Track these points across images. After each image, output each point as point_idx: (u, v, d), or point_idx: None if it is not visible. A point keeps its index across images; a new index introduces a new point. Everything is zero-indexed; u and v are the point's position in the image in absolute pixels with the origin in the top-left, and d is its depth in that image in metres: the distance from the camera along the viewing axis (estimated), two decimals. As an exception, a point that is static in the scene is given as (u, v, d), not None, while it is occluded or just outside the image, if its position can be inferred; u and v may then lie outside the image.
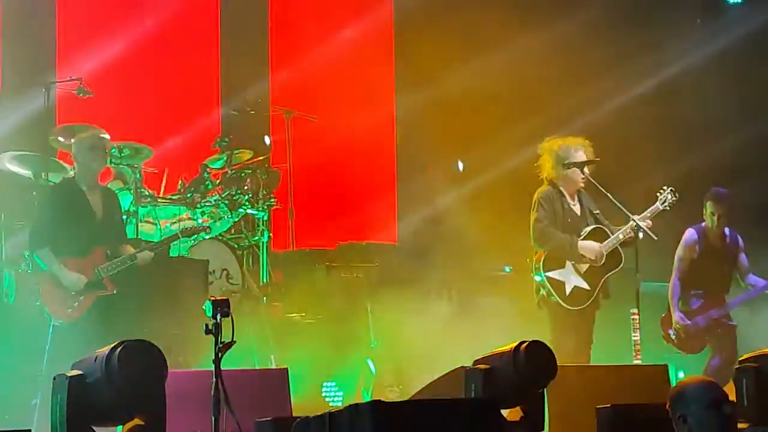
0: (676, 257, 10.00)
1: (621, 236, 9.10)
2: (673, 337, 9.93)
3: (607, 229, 9.13)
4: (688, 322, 9.72)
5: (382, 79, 14.32)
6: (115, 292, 8.63)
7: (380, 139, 14.25)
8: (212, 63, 13.05)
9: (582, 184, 9.21)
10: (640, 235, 9.20)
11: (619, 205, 9.06)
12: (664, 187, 9.38)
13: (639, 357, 8.83)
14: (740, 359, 6.96)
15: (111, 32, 12.16)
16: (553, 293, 8.85)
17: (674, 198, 9.34)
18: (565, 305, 8.85)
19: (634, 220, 9.05)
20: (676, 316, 9.89)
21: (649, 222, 9.12)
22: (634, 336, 8.85)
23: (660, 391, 5.91)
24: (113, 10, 12.41)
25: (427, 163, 14.23)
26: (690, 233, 9.98)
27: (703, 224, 9.92)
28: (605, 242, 9.06)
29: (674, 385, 5.34)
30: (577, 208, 9.21)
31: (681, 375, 10.46)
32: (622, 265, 9.16)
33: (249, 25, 13.39)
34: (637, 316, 8.94)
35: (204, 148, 11.61)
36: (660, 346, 10.24)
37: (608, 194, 9.05)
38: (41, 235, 8.64)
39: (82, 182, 8.71)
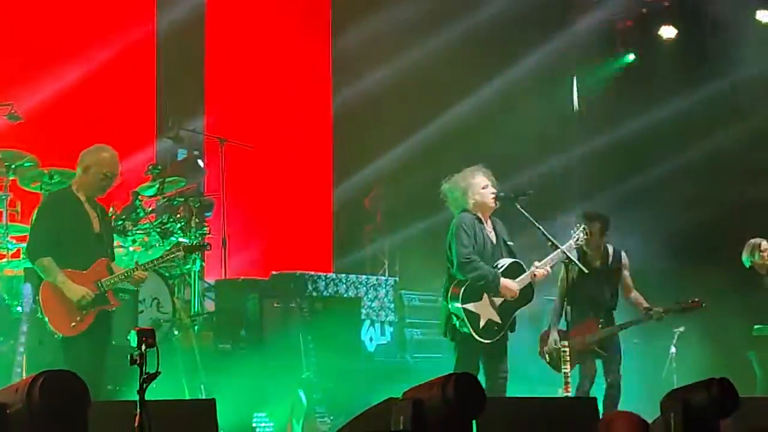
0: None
1: (535, 273, 9.00)
2: (546, 356, 9.94)
3: (522, 264, 9.06)
4: (560, 345, 9.54)
5: (320, 109, 14.37)
6: (115, 308, 8.43)
7: (316, 169, 14.26)
8: (148, 89, 13.00)
9: (494, 206, 9.11)
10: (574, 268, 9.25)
11: (548, 236, 9.01)
12: (577, 225, 9.38)
13: (569, 390, 8.82)
14: (669, 391, 6.99)
15: (47, 58, 12.08)
16: (467, 324, 8.73)
17: (586, 236, 9.36)
18: (477, 337, 8.75)
19: (564, 252, 9.03)
20: (552, 336, 9.87)
21: (548, 269, 9.07)
22: (564, 368, 8.84)
23: (589, 425, 5.91)
24: (49, 37, 12.32)
25: (364, 193, 14.29)
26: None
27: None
28: (520, 278, 8.96)
29: (600, 419, 5.34)
30: (492, 236, 9.11)
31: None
32: (532, 300, 9.09)
33: (186, 56, 13.38)
34: (567, 349, 8.94)
35: (136, 175, 11.52)
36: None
37: (537, 225, 8.99)
38: (42, 244, 8.31)
39: (84, 194, 8.43)
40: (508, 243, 9.14)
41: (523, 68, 13.64)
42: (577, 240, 9.28)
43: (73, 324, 8.14)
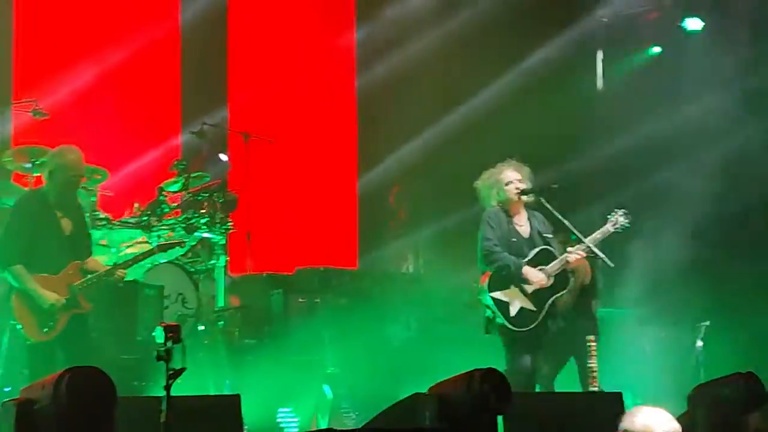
0: None
1: (568, 259, 9.02)
2: None
3: (554, 251, 9.07)
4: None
5: (343, 101, 14.35)
6: (89, 310, 8.45)
7: (341, 163, 14.24)
8: (172, 85, 13.01)
9: (518, 200, 9.14)
10: (600, 262, 9.20)
11: (570, 227, 9.02)
12: (616, 210, 9.33)
13: (596, 384, 8.79)
14: (696, 385, 6.97)
15: (71, 55, 12.10)
16: (498, 314, 8.77)
17: (626, 221, 9.27)
18: (510, 326, 8.77)
19: (587, 244, 9.02)
20: None
21: (582, 254, 9.06)
22: (590, 363, 8.81)
23: (614, 419, 5.88)
24: (74, 34, 12.34)
25: (389, 187, 14.26)
26: None
27: None
28: (550, 265, 8.99)
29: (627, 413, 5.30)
30: (524, 230, 9.15)
31: (639, 402, 10.46)
32: (570, 287, 9.10)
33: (209, 49, 13.38)
34: (593, 343, 8.90)
35: (161, 171, 11.54)
36: (617, 373, 10.24)
37: (560, 216, 9.02)
38: (12, 250, 8.39)
39: (52, 197, 8.47)
40: (545, 235, 9.16)
41: (546, 56, 13.56)
42: (615, 224, 9.23)
43: (46, 329, 8.19)
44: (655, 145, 13.14)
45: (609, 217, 9.28)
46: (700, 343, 12.10)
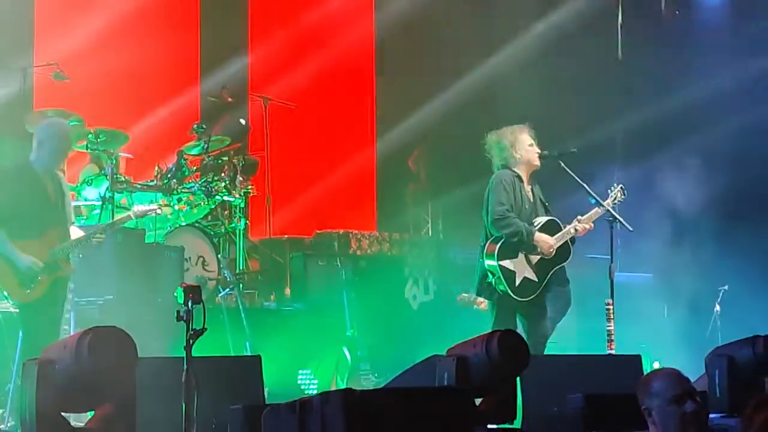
0: None
1: (572, 230, 8.99)
2: None
3: (559, 222, 9.04)
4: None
5: (363, 66, 14.33)
6: (71, 272, 8.59)
7: (360, 127, 14.25)
8: (191, 49, 13.01)
9: (537, 165, 9.10)
10: (617, 226, 9.17)
11: (593, 193, 9.00)
12: (615, 184, 9.30)
13: (613, 347, 8.81)
14: (714, 348, 6.99)
15: (89, 17, 12.09)
16: (503, 282, 8.71)
17: (623, 196, 9.25)
18: (513, 295, 8.73)
19: (607, 208, 9.01)
20: None
21: (592, 225, 9.04)
22: (608, 326, 8.82)
23: (633, 382, 5.91)
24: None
25: (407, 150, 14.27)
26: None
27: None
28: (557, 235, 8.94)
29: (644, 375, 5.33)
30: (530, 196, 9.09)
31: (656, 365, 10.49)
32: (570, 259, 9.05)
33: (229, 10, 13.37)
34: (611, 306, 8.91)
35: (181, 134, 11.57)
36: (635, 336, 10.27)
37: (582, 182, 8.99)
38: None
39: (39, 166, 8.60)
40: (545, 203, 9.13)
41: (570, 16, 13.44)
42: (614, 199, 9.21)
43: (28, 291, 8.31)
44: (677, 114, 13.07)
45: (609, 191, 9.25)
46: (718, 308, 12.13)
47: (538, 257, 8.86)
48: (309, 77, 13.42)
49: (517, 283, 8.78)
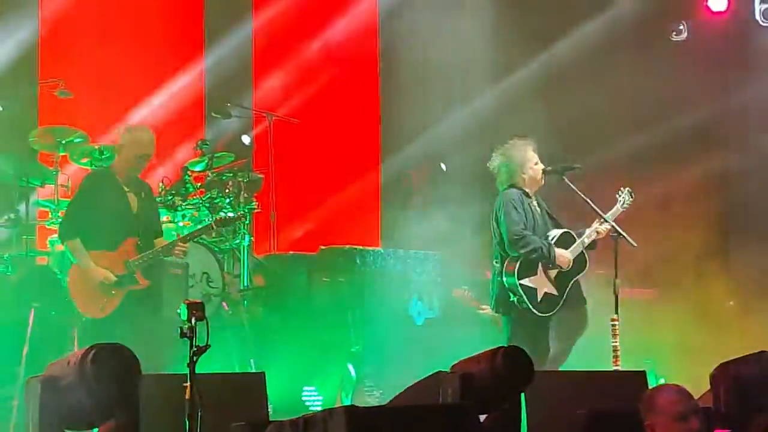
0: None
1: (586, 240, 9.02)
2: None
3: (573, 234, 9.06)
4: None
5: (367, 80, 14.33)
6: (147, 286, 8.43)
7: (364, 143, 14.24)
8: (197, 67, 13.03)
9: (542, 183, 9.14)
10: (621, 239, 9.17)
11: (595, 208, 9.02)
12: (622, 188, 9.31)
13: (618, 363, 8.79)
14: (719, 364, 6.95)
15: (96, 34, 12.12)
16: (525, 300, 8.76)
17: (631, 198, 9.27)
18: (536, 312, 8.78)
19: (612, 224, 9.01)
20: None
21: (608, 226, 9.05)
22: (614, 342, 8.81)
23: (638, 397, 5.89)
24: (98, 18, 12.34)
25: (412, 166, 14.25)
26: None
27: None
28: (572, 247, 8.97)
29: (647, 391, 5.30)
30: (539, 210, 9.12)
31: (662, 381, 10.46)
32: (587, 269, 9.08)
33: (233, 30, 13.38)
34: (617, 322, 8.90)
35: (186, 150, 11.58)
36: (640, 352, 10.23)
37: (585, 198, 9.00)
38: (72, 225, 8.40)
39: (119, 174, 8.47)
40: (553, 216, 9.16)
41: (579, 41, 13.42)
42: (623, 204, 9.23)
43: (101, 306, 8.15)
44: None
45: (618, 195, 9.26)
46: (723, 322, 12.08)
47: (557, 271, 8.91)
48: (314, 93, 13.42)
49: (539, 299, 8.83)
